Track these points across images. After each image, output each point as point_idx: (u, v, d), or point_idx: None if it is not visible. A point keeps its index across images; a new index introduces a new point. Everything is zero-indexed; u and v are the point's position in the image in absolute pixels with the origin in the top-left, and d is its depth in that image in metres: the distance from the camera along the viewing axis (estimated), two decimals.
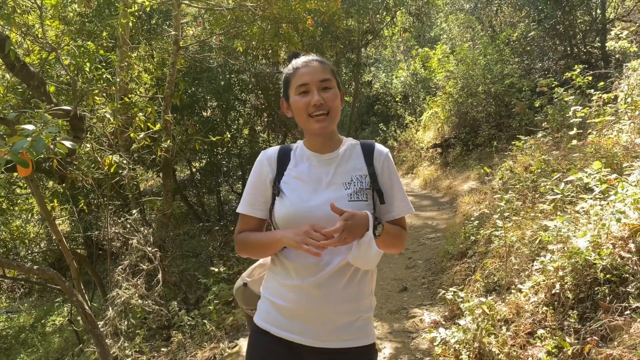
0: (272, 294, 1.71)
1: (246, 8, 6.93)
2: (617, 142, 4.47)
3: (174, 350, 4.90)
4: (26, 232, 8.86)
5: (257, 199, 1.72)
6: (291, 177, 1.68)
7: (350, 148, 1.73)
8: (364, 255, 1.52)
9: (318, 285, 1.60)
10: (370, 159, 1.71)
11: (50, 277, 3.84)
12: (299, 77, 1.63)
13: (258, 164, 1.74)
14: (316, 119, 1.62)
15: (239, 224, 1.77)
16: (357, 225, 1.50)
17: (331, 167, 1.68)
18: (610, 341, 2.55)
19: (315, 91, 1.61)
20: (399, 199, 1.71)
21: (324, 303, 1.61)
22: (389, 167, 1.72)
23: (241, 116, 11.39)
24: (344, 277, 1.62)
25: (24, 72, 4.81)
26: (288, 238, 1.55)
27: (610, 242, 2.97)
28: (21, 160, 2.27)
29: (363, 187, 1.65)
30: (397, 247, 1.72)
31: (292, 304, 1.64)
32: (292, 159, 1.72)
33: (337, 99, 1.65)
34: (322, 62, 1.67)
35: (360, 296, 1.66)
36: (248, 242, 1.72)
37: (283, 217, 1.64)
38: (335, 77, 1.68)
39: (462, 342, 3.22)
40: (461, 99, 10.55)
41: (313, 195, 1.62)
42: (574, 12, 9.52)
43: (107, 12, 8.08)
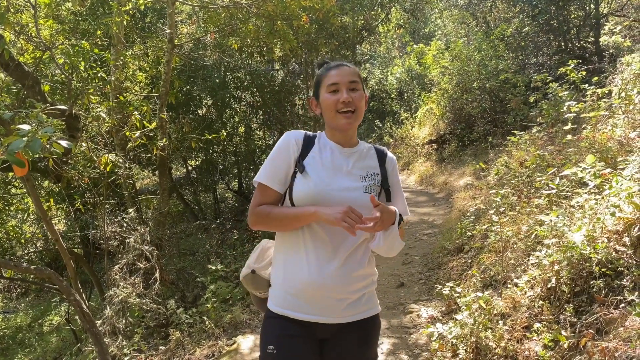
0: (287, 279, 1.80)
1: (241, 5, 6.92)
2: (611, 136, 4.49)
3: (172, 349, 4.90)
4: (22, 232, 8.82)
5: (278, 173, 1.80)
6: (315, 159, 1.80)
7: (366, 148, 1.91)
8: (390, 245, 1.74)
9: (335, 267, 1.73)
10: (383, 161, 1.89)
11: (47, 277, 3.83)
12: (330, 77, 1.79)
13: (284, 141, 1.84)
14: (344, 115, 1.77)
15: (256, 196, 1.83)
16: (388, 217, 1.67)
17: (351, 159, 1.83)
18: (606, 334, 2.57)
19: (344, 90, 1.76)
20: (400, 202, 1.88)
21: (339, 283, 1.73)
22: (396, 172, 1.93)
23: (237, 114, 11.37)
24: (356, 259, 1.77)
25: (18, 72, 4.79)
26: (326, 214, 1.65)
27: (605, 236, 2.99)
28: (17, 160, 2.27)
29: (375, 183, 1.82)
30: (401, 244, 1.84)
31: (309, 286, 1.74)
32: (317, 145, 1.85)
33: (362, 100, 1.80)
34: (351, 67, 1.83)
35: (369, 274, 1.83)
36: (271, 215, 1.78)
37: (304, 195, 1.75)
38: (362, 81, 1.84)
39: (459, 337, 3.24)
40: (456, 95, 10.58)
41: (334, 180, 1.76)
42: (567, 7, 9.55)
43: (101, 11, 8.05)
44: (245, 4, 6.90)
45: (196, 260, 8.06)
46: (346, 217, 1.62)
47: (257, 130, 12.36)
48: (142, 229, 5.79)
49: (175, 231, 7.71)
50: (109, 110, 5.29)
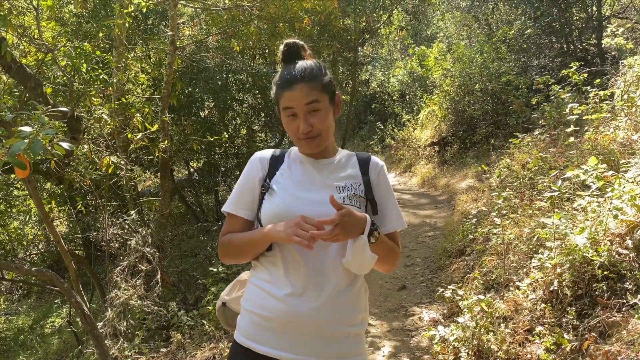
0: (255, 305, 1.57)
1: (243, 8, 6.93)
2: (613, 138, 4.48)
3: (174, 351, 4.90)
4: (24, 234, 8.84)
5: (243, 197, 1.64)
6: (283, 176, 1.62)
7: (346, 157, 1.69)
8: (358, 259, 1.46)
9: (310, 294, 1.50)
10: (366, 169, 1.66)
11: (49, 279, 3.83)
12: (284, 100, 1.54)
13: (249, 164, 1.69)
14: (306, 142, 1.56)
15: (224, 226, 1.68)
16: (353, 224, 1.42)
17: (325, 170, 1.63)
18: (609, 337, 2.56)
19: (302, 117, 1.52)
20: (393, 213, 1.66)
21: (316, 313, 1.49)
22: (384, 179, 1.68)
23: (238, 116, 11.38)
24: (341, 284, 1.53)
25: (20, 74, 4.80)
26: (277, 231, 1.45)
27: (607, 238, 2.98)
28: (18, 162, 2.27)
29: (357, 193, 1.59)
30: (389, 262, 1.64)
31: (280, 315, 1.50)
32: (286, 161, 1.67)
33: (327, 120, 1.55)
34: (309, 81, 1.52)
35: (356, 309, 1.57)
36: (231, 243, 1.61)
37: (271, 214, 1.55)
38: (326, 91, 1.56)
39: (461, 339, 3.23)
40: (458, 97, 10.57)
41: (305, 194, 1.56)
42: (570, 9, 9.54)
43: (104, 13, 8.06)
44: (247, 6, 6.91)
45: (198, 262, 8.06)
46: (297, 230, 1.39)
47: (259, 132, 12.36)
48: (144, 231, 5.79)
49: (177, 233, 7.70)
50: (111, 112, 5.29)
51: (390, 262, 1.65)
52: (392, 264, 1.66)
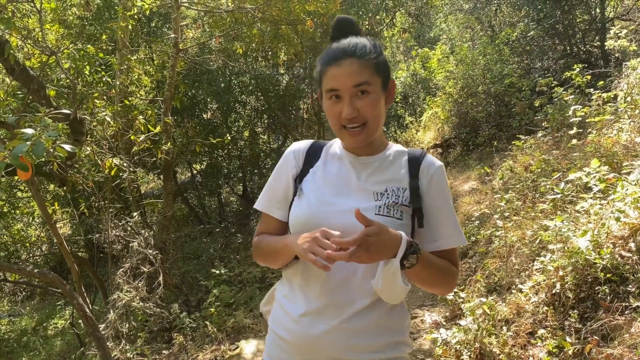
0: (275, 322, 1.45)
1: (245, 10, 6.94)
2: (617, 141, 4.47)
3: (176, 353, 4.90)
4: (27, 236, 8.86)
5: (275, 195, 1.47)
6: (316, 175, 1.42)
7: (394, 155, 1.43)
8: (386, 286, 1.23)
9: (330, 316, 1.31)
10: (416, 171, 1.39)
11: (51, 280, 3.84)
12: (329, 78, 1.31)
13: (283, 157, 1.50)
14: (349, 132, 1.32)
15: (259, 225, 1.53)
16: (382, 245, 1.19)
17: (365, 171, 1.39)
18: (611, 341, 2.55)
19: (347, 100, 1.29)
20: (448, 226, 1.37)
21: (333, 338, 1.30)
22: (439, 184, 1.39)
23: (241, 118, 11.39)
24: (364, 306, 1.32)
25: (23, 76, 4.82)
26: (296, 244, 1.27)
27: (610, 241, 2.97)
28: (21, 164, 2.28)
29: (399, 202, 1.33)
30: (441, 286, 1.40)
31: (294, 337, 1.36)
32: (322, 156, 1.46)
33: (377, 106, 1.31)
34: (360, 57, 1.29)
35: (383, 333, 1.33)
36: (260, 247, 1.48)
37: (296, 220, 1.38)
38: (378, 72, 1.32)
39: (463, 342, 3.22)
40: (461, 99, 10.55)
41: (336, 199, 1.35)
42: (573, 11, 9.52)
43: (107, 15, 8.09)
44: (250, 9, 6.92)
45: (200, 264, 8.07)
46: (314, 247, 1.20)
47: (262, 135, 12.38)
48: (146, 232, 5.80)
49: (180, 235, 7.71)
50: (114, 114, 5.31)
51: (442, 286, 1.41)
52: (445, 288, 1.42)
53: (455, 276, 1.39)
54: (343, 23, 1.41)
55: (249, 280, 6.73)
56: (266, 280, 6.78)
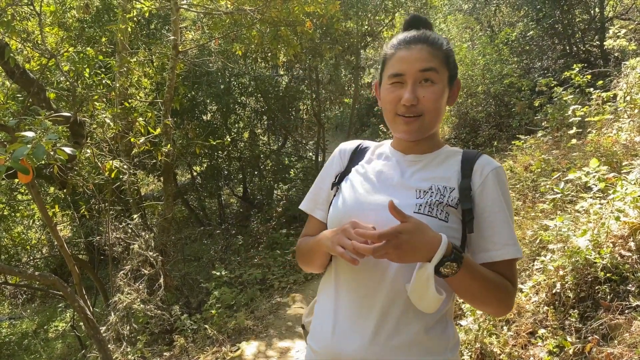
0: (313, 334, 1.34)
1: (244, 12, 6.95)
2: (616, 140, 4.48)
3: (177, 355, 4.90)
4: (28, 239, 8.86)
5: (319, 196, 1.41)
6: (358, 173, 1.33)
7: (447, 154, 1.32)
8: (417, 292, 1.11)
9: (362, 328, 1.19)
10: (469, 170, 1.24)
11: (52, 283, 3.84)
12: (395, 61, 1.23)
13: (331, 156, 1.45)
14: (404, 120, 1.23)
15: (305, 227, 1.46)
16: (416, 245, 1.06)
17: (411, 169, 1.29)
18: (611, 340, 2.55)
19: (410, 85, 1.20)
20: (503, 235, 1.20)
21: (366, 354, 1.17)
22: (496, 187, 1.22)
23: (241, 119, 11.40)
24: (399, 317, 1.18)
25: (23, 79, 4.83)
26: (327, 238, 1.19)
27: (610, 240, 2.97)
28: (22, 167, 2.28)
29: (444, 201, 1.20)
30: (492, 304, 1.20)
31: (323, 352, 1.25)
32: (368, 155, 1.38)
33: (439, 99, 1.22)
34: (432, 44, 1.23)
35: (426, 350, 1.18)
36: (300, 248, 1.40)
37: (332, 219, 1.30)
38: (447, 66, 1.25)
39: (464, 342, 3.22)
40: (461, 99, 10.55)
41: (373, 196, 1.24)
42: (572, 10, 9.53)
43: (106, 18, 8.10)
44: (249, 10, 6.93)
45: (201, 266, 8.07)
46: (342, 239, 1.11)
47: (262, 136, 12.39)
48: (147, 234, 5.80)
49: (180, 237, 7.71)
50: (114, 116, 5.31)
51: (493, 304, 1.20)
52: (497, 307, 1.21)
53: (510, 294, 1.20)
54: (418, 17, 1.35)
55: (249, 281, 6.73)
56: (267, 282, 6.78)
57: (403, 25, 1.36)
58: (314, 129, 12.42)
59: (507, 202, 1.23)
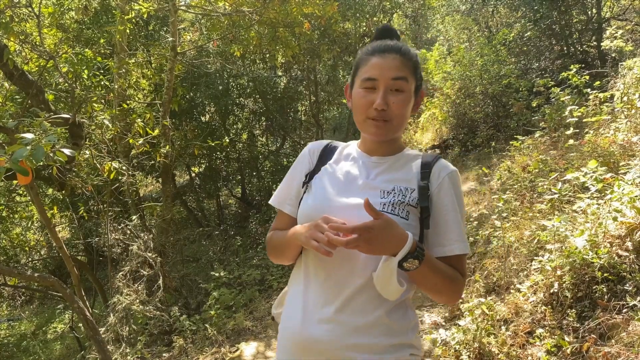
0: (283, 323, 1.43)
1: (243, 13, 6.96)
2: (613, 140, 4.49)
3: (176, 356, 4.90)
4: (26, 240, 8.87)
5: (289, 192, 1.50)
6: (326, 172, 1.43)
7: (408, 158, 1.43)
8: (382, 282, 1.22)
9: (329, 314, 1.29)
10: (427, 173, 1.37)
11: (51, 284, 3.85)
12: (369, 67, 1.34)
13: (300, 154, 1.54)
14: (374, 123, 1.34)
15: (274, 221, 1.56)
16: (385, 240, 1.17)
17: (375, 170, 1.40)
18: (609, 339, 2.57)
19: (381, 91, 1.31)
20: (455, 232, 1.33)
21: (331, 336, 1.28)
22: (451, 189, 1.36)
23: (240, 120, 11.41)
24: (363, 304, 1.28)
25: (22, 81, 4.83)
26: (300, 232, 1.29)
27: (607, 240, 2.99)
28: (21, 168, 2.28)
29: (405, 201, 1.31)
30: (446, 294, 1.35)
31: (293, 337, 1.35)
32: (336, 155, 1.48)
33: (406, 106, 1.34)
34: (404, 55, 1.34)
35: (387, 333, 1.29)
36: (271, 241, 1.50)
37: (301, 214, 1.40)
38: (415, 76, 1.36)
39: (462, 342, 3.23)
40: (459, 100, 10.58)
41: (341, 195, 1.35)
42: (569, 11, 9.56)
43: (105, 19, 8.11)
44: (248, 12, 6.94)
45: (199, 267, 8.08)
46: (316, 233, 1.20)
47: (260, 137, 12.40)
48: (146, 236, 5.81)
49: (179, 238, 7.71)
50: (112, 117, 5.32)
51: (447, 294, 1.35)
52: (450, 296, 1.36)
53: (461, 285, 1.34)
54: (389, 28, 1.48)
55: (248, 282, 6.74)
56: (266, 282, 6.78)
57: (375, 34, 1.47)
58: (313, 130, 12.43)
59: (460, 203, 1.37)
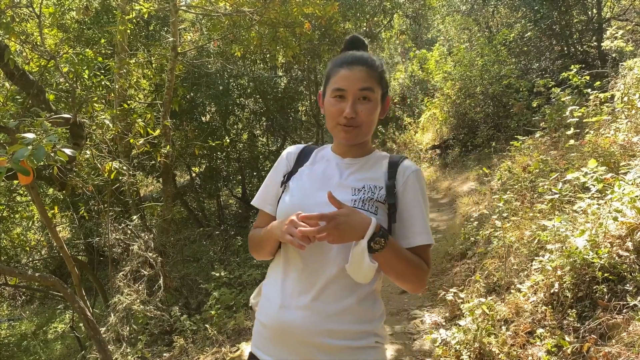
0: (259, 311, 1.54)
1: (243, 13, 6.96)
2: (614, 141, 4.50)
3: (176, 356, 4.91)
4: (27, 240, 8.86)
5: (269, 193, 1.62)
6: (303, 174, 1.56)
7: (376, 159, 1.57)
8: (355, 265, 1.34)
9: (305, 301, 1.41)
10: (394, 172, 1.51)
11: (52, 284, 3.85)
12: (338, 79, 1.46)
13: (279, 158, 1.66)
14: (343, 129, 1.47)
15: (255, 220, 1.68)
16: (352, 225, 1.30)
17: (347, 170, 1.53)
18: (609, 339, 2.57)
19: (350, 101, 1.44)
20: (418, 225, 1.46)
21: (306, 321, 1.39)
22: (414, 186, 1.49)
23: (240, 121, 11.42)
24: (336, 293, 1.41)
25: (23, 81, 4.83)
26: (276, 227, 1.41)
27: (608, 240, 2.99)
28: (22, 168, 2.29)
29: (374, 197, 1.45)
30: (410, 280, 1.45)
31: (272, 323, 1.45)
32: (312, 158, 1.61)
33: (373, 113, 1.47)
34: (369, 67, 1.47)
35: (358, 320, 1.42)
36: (252, 238, 1.61)
37: (280, 212, 1.52)
38: (381, 85, 1.50)
39: (463, 342, 3.24)
40: (459, 100, 10.58)
41: (317, 194, 1.46)
42: (570, 12, 9.56)
43: (105, 19, 8.11)
44: (248, 12, 6.95)
45: (200, 267, 8.08)
46: (290, 228, 1.32)
47: (261, 137, 12.41)
48: (146, 235, 5.81)
49: (179, 238, 7.71)
50: (113, 117, 5.32)
51: (412, 280, 1.45)
52: (415, 283, 1.46)
53: (425, 273, 1.45)
54: (357, 39, 1.61)
55: (249, 282, 6.73)
56: None
57: (344, 45, 1.61)
58: (313, 129, 12.44)
59: (424, 199, 1.50)
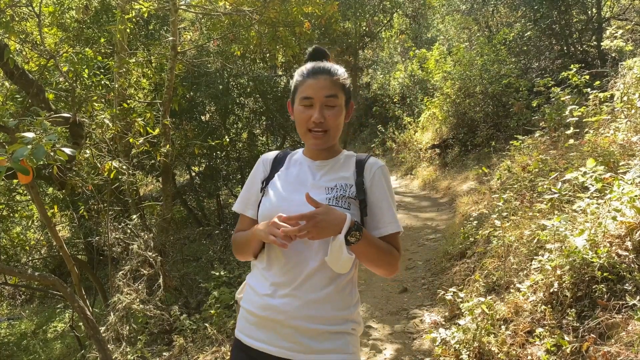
0: (245, 300, 1.67)
1: (243, 13, 6.96)
2: (613, 140, 4.50)
3: (176, 355, 4.91)
4: (27, 239, 8.87)
5: (249, 198, 1.73)
6: (280, 178, 1.68)
7: (345, 159, 1.71)
8: (334, 258, 1.48)
9: (288, 290, 1.54)
10: (361, 170, 1.66)
11: (51, 283, 3.85)
12: (305, 88, 1.60)
13: (256, 165, 1.78)
14: (313, 135, 1.60)
15: (237, 224, 1.79)
16: (330, 222, 1.44)
17: (319, 172, 1.67)
18: (608, 339, 2.57)
19: (317, 107, 1.58)
20: (387, 216, 1.62)
21: (290, 306, 1.53)
22: (380, 181, 1.65)
23: (240, 120, 11.42)
24: (317, 283, 1.54)
25: (23, 80, 4.83)
26: (259, 230, 1.53)
27: (607, 240, 2.99)
28: (22, 167, 2.29)
29: (346, 195, 1.59)
30: (383, 266, 1.61)
31: (259, 309, 1.58)
32: (286, 163, 1.73)
33: (339, 118, 1.61)
34: (332, 75, 1.62)
35: (337, 308, 1.56)
36: (235, 240, 1.73)
37: (261, 215, 1.63)
38: (344, 91, 1.64)
39: (462, 342, 3.24)
40: (459, 100, 10.58)
41: (293, 196, 1.60)
42: (569, 11, 9.56)
43: (105, 19, 8.11)
44: (248, 11, 6.95)
45: (200, 266, 8.08)
46: (273, 229, 1.44)
47: (260, 136, 12.41)
48: (146, 235, 5.81)
49: (179, 237, 7.72)
50: (113, 117, 5.32)
51: (385, 266, 1.61)
52: (388, 268, 1.62)
53: (396, 258, 1.61)
54: (320, 50, 1.75)
55: None
56: None
57: (307, 56, 1.75)
58: None
59: (390, 191, 1.66)
